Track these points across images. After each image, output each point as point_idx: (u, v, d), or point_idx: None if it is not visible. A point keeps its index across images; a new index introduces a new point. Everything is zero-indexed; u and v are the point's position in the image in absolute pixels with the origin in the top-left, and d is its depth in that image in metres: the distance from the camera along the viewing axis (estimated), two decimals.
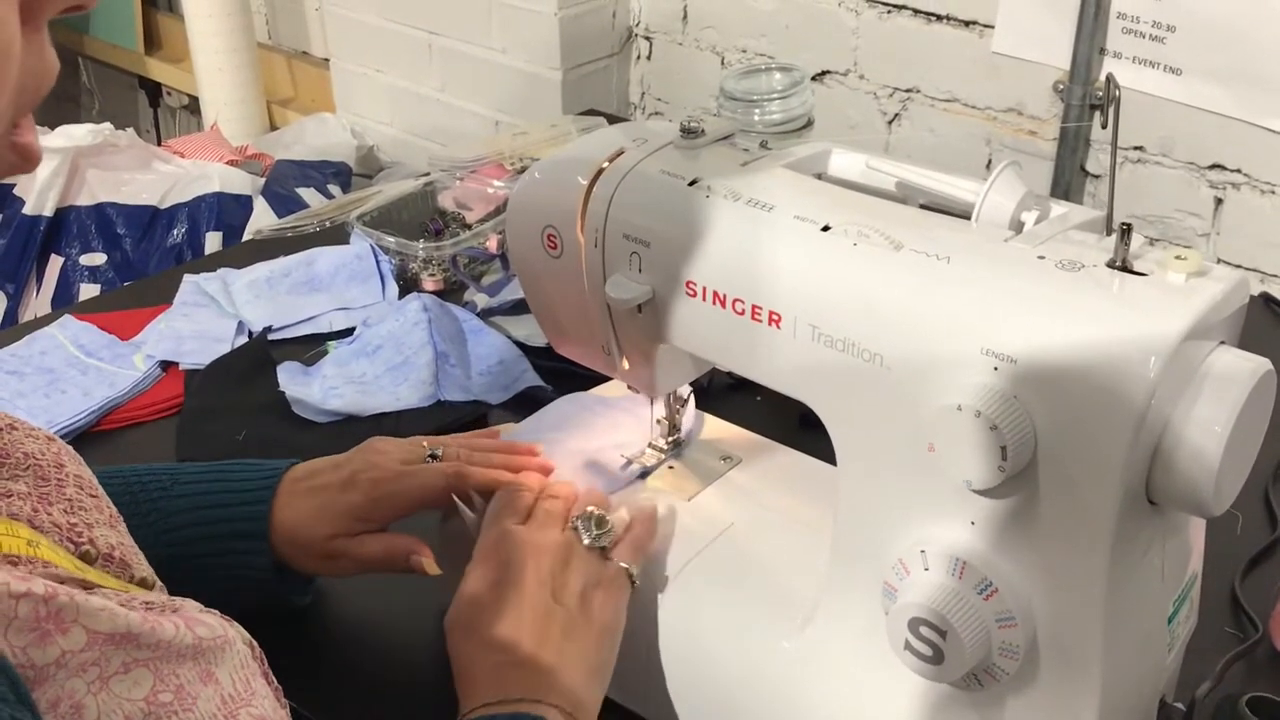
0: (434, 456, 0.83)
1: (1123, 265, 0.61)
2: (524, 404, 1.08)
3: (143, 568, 0.55)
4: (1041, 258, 0.62)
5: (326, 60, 2.15)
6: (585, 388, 0.95)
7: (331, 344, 1.20)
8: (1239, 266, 1.36)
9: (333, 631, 0.88)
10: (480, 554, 0.74)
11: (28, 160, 0.46)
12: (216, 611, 0.52)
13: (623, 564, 0.75)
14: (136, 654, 0.45)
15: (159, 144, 2.17)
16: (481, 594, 0.72)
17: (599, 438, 0.88)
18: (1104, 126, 0.63)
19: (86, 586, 0.46)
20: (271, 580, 0.81)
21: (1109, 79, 0.63)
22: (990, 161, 1.51)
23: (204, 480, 0.82)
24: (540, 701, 0.67)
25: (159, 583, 0.56)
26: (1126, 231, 0.61)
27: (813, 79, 1.57)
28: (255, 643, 0.54)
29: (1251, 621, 0.86)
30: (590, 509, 0.77)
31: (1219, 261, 1.35)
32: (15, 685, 0.40)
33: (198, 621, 0.49)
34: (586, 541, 0.75)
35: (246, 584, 0.80)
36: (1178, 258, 0.60)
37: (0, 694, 0.39)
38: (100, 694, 0.44)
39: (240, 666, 0.50)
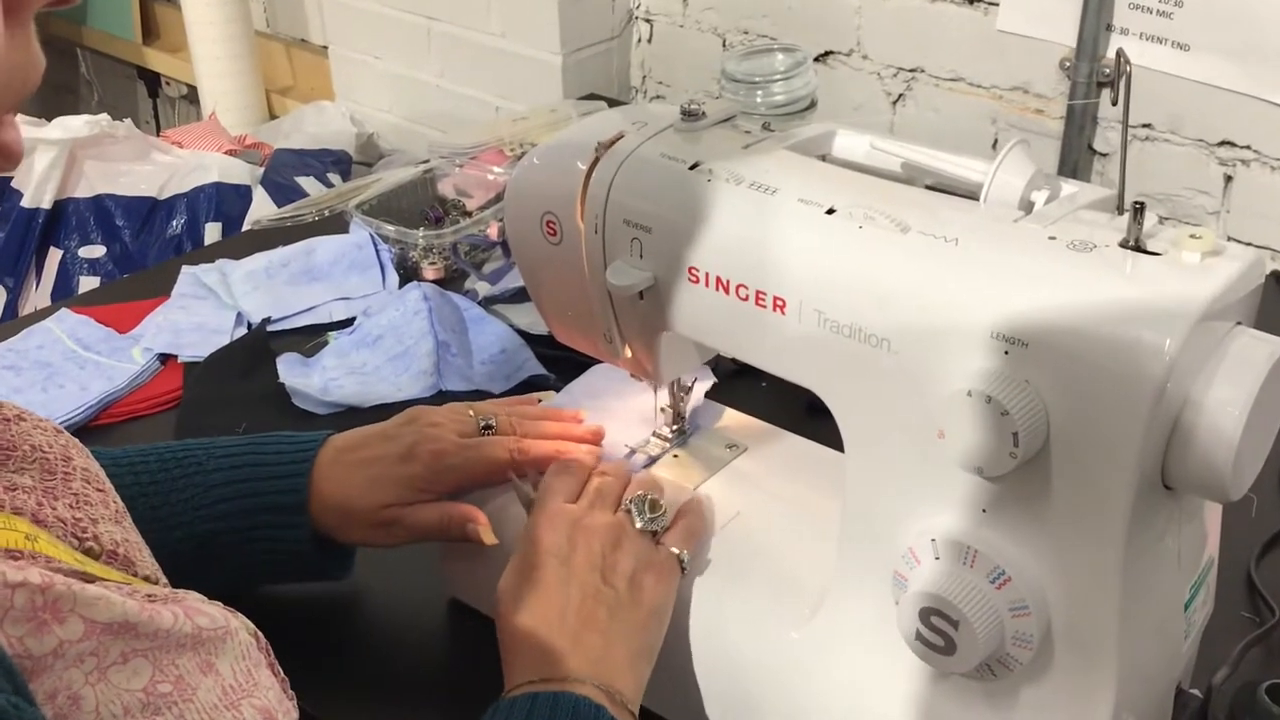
0: (488, 427, 0.82)
1: (1136, 245, 0.60)
2: (526, 393, 1.07)
3: (146, 565, 0.55)
4: (1052, 238, 0.61)
5: (325, 48, 2.13)
6: None
7: (331, 334, 1.19)
8: (1249, 244, 1.34)
9: (342, 627, 0.87)
10: (532, 531, 0.74)
11: (9, 159, 0.46)
12: (220, 603, 0.52)
13: (674, 549, 0.75)
14: (135, 644, 0.45)
15: (158, 134, 2.16)
16: (531, 571, 0.72)
17: (625, 415, 0.87)
18: (1114, 103, 0.61)
19: (87, 579, 0.46)
20: (311, 553, 0.80)
21: (1119, 55, 0.62)
22: (996, 141, 1.49)
23: (240, 453, 0.81)
24: (584, 682, 0.67)
25: (163, 578, 0.55)
26: (1140, 210, 0.59)
27: (815, 60, 1.55)
28: (260, 634, 0.53)
29: (1268, 605, 0.84)
30: (643, 492, 0.77)
31: (1229, 239, 1.33)
32: (12, 675, 0.40)
33: (198, 611, 0.49)
34: (639, 524, 0.75)
35: (285, 558, 0.80)
36: (1192, 236, 0.59)
37: None
38: (98, 685, 0.44)
39: (242, 657, 0.50)
